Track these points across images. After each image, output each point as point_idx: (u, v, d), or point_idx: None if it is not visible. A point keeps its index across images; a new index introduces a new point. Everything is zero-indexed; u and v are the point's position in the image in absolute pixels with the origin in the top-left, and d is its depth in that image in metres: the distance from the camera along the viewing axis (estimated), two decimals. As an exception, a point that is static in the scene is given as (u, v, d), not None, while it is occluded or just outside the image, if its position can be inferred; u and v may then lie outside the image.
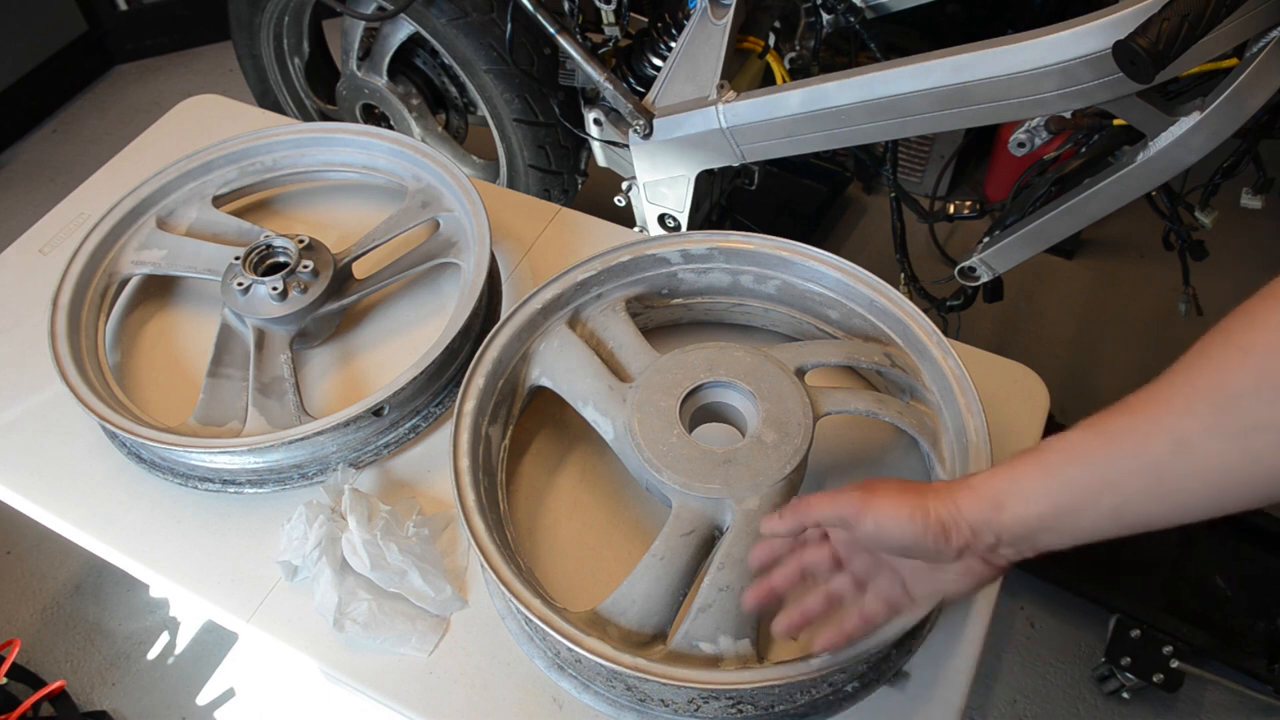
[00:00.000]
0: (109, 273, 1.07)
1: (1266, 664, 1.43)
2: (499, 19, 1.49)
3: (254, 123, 1.32)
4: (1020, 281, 2.07)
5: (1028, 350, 1.99)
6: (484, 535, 0.78)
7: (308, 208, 1.24)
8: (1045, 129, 1.15)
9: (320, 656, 0.84)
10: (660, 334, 1.03)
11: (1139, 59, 0.85)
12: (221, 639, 1.64)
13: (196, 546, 0.92)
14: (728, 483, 0.79)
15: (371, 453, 0.96)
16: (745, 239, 0.97)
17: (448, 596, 0.85)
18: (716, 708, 0.76)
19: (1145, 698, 1.51)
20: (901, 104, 1.12)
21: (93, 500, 0.96)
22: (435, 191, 1.12)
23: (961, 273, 1.33)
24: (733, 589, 0.75)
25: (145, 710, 1.58)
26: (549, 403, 0.95)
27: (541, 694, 0.81)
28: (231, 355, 1.00)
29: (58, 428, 1.01)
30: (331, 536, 0.85)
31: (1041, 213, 1.20)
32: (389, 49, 1.69)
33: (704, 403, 0.88)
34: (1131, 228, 2.16)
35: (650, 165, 1.43)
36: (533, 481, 0.95)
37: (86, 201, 1.24)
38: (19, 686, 1.53)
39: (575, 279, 0.95)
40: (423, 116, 1.78)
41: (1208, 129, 1.01)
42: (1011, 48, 1.01)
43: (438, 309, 1.11)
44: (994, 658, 1.58)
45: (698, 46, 1.29)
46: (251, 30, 1.84)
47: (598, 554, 0.90)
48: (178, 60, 2.82)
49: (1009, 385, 0.99)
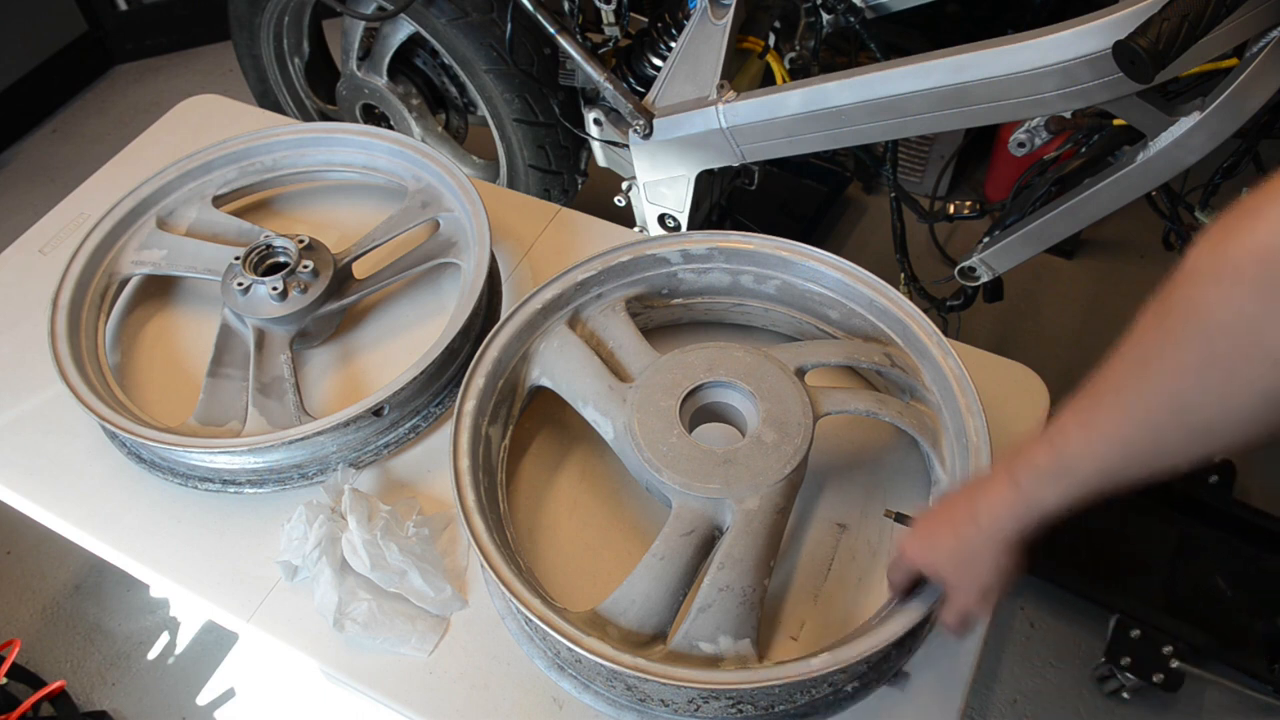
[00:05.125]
0: (109, 273, 1.07)
1: (1266, 664, 1.43)
2: (499, 19, 1.49)
3: (254, 123, 1.32)
4: (1020, 281, 2.07)
5: (1028, 350, 1.99)
6: (484, 535, 0.78)
7: (308, 208, 1.24)
8: (1045, 129, 1.15)
9: (320, 656, 0.84)
10: (660, 334, 1.03)
11: (1139, 59, 0.85)
12: (221, 639, 1.64)
13: (196, 546, 0.92)
14: (728, 483, 0.79)
15: (371, 453, 0.95)
16: (745, 239, 0.97)
17: (448, 596, 0.85)
18: (716, 708, 0.76)
19: (1145, 698, 1.51)
20: (901, 104, 1.12)
21: (93, 500, 0.96)
22: (435, 191, 1.12)
23: (961, 273, 1.33)
24: (733, 589, 0.75)
25: (145, 710, 1.58)
26: (549, 403, 0.95)
27: (541, 694, 0.81)
28: (231, 355, 1.00)
29: (58, 428, 1.01)
30: (331, 536, 0.85)
31: (1041, 213, 1.20)
32: (389, 49, 1.69)
33: (704, 403, 0.88)
34: (1131, 228, 2.16)
35: (650, 165, 1.43)
36: (533, 481, 0.95)
37: (86, 201, 1.24)
38: (19, 686, 1.53)
39: (575, 279, 0.95)
40: (423, 116, 1.78)
41: (1208, 129, 1.01)
42: (1011, 48, 1.01)
43: (438, 309, 1.10)
44: (994, 658, 1.58)
45: (698, 46, 1.29)
46: (251, 30, 1.84)
47: (598, 554, 0.90)
48: (178, 60, 2.82)
49: (1009, 385, 0.99)
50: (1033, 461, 0.60)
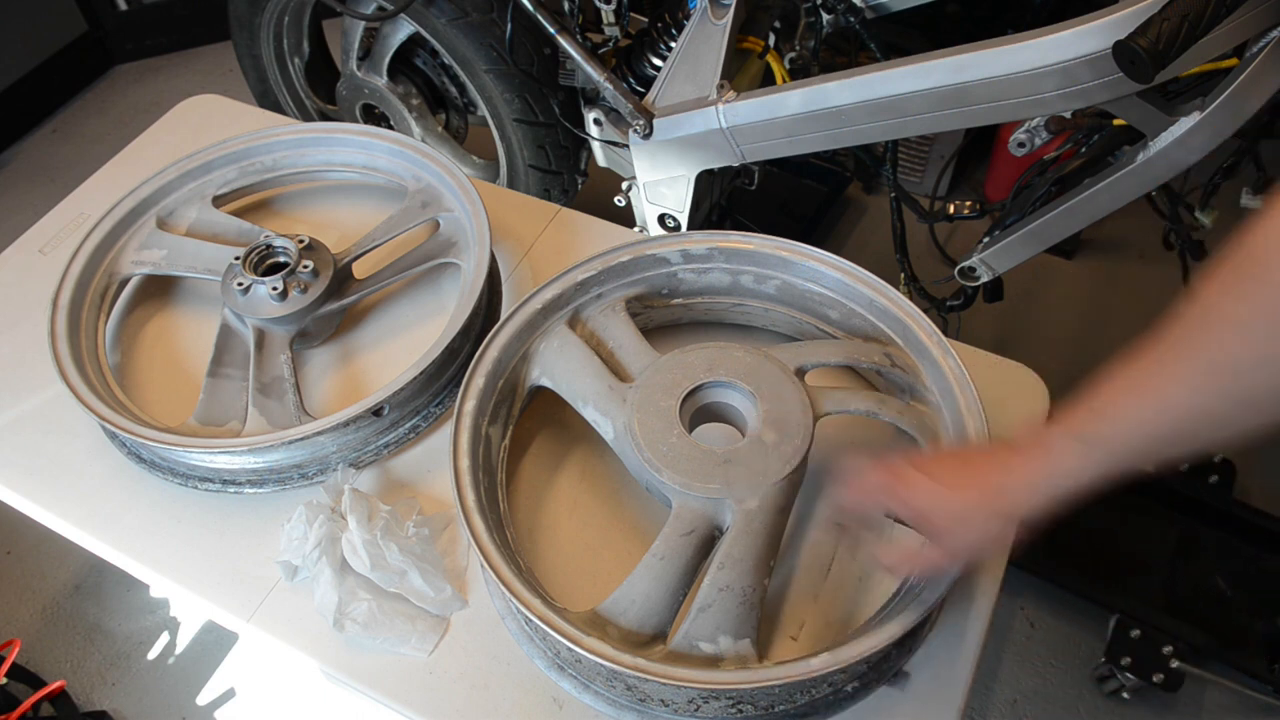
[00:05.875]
0: (109, 273, 1.07)
1: (1266, 664, 1.43)
2: (499, 19, 1.49)
3: (254, 123, 1.32)
4: (1020, 281, 2.07)
5: (1028, 350, 1.99)
6: (484, 535, 0.78)
7: (308, 208, 1.24)
8: (1045, 129, 1.15)
9: (320, 656, 0.84)
10: (660, 334, 1.03)
11: (1139, 59, 0.85)
12: (221, 639, 1.64)
13: (196, 546, 0.92)
14: (728, 483, 0.79)
15: (371, 453, 0.96)
16: (745, 239, 0.97)
17: (448, 596, 0.85)
18: (716, 708, 0.76)
19: (1145, 698, 1.51)
20: (901, 104, 1.12)
21: (93, 500, 0.96)
22: (435, 191, 1.12)
23: (961, 273, 1.33)
24: (733, 589, 0.75)
25: (145, 710, 1.58)
26: (549, 403, 0.95)
27: (541, 694, 0.81)
28: (231, 355, 1.00)
29: (58, 428, 1.01)
30: (331, 536, 0.85)
31: (1041, 213, 1.20)
32: (389, 49, 1.69)
33: (704, 403, 0.88)
34: (1131, 228, 2.16)
35: (650, 165, 1.43)
36: (533, 481, 0.95)
37: (86, 201, 1.24)
38: (19, 686, 1.53)
39: (575, 279, 0.95)
40: (423, 116, 1.78)
41: (1208, 129, 1.01)
42: (1011, 48, 1.01)
43: (438, 309, 1.10)
44: (994, 658, 1.58)
45: (698, 46, 1.29)
46: (251, 30, 1.84)
47: (598, 554, 0.90)
48: (178, 60, 2.82)
49: (1009, 385, 0.99)
50: (1073, 429, 0.59)
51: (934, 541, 0.68)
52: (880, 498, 0.71)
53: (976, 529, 0.64)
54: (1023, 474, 0.61)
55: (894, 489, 0.69)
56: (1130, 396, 0.56)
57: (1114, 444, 0.57)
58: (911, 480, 0.68)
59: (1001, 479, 0.63)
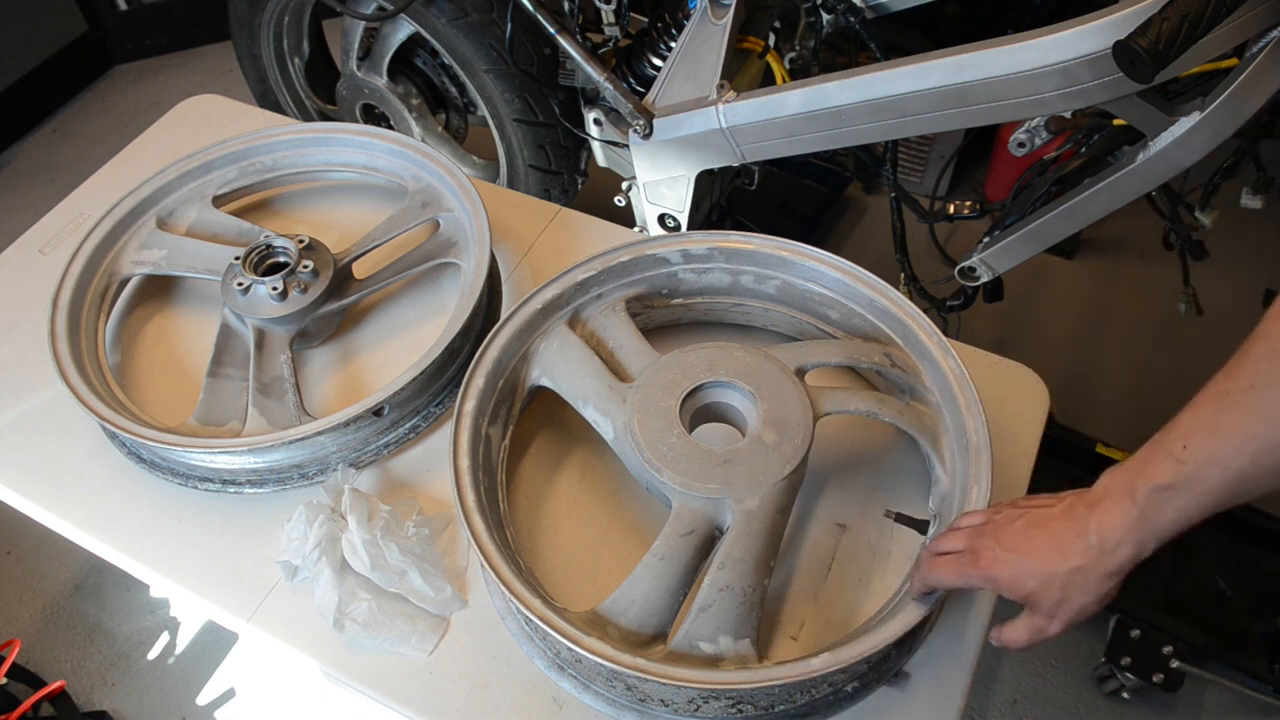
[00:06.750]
0: (109, 273, 1.07)
1: (1266, 664, 1.43)
2: (499, 19, 1.49)
3: (254, 123, 1.32)
4: (1020, 281, 2.07)
5: (1028, 350, 1.99)
6: (484, 535, 0.78)
7: (308, 208, 1.24)
8: (1045, 129, 1.15)
9: (320, 656, 0.84)
10: (660, 334, 1.03)
11: (1139, 59, 0.85)
12: (221, 639, 1.64)
13: (196, 546, 0.92)
14: (728, 483, 0.79)
15: (371, 453, 0.95)
16: (745, 239, 0.97)
17: (448, 596, 0.85)
18: (716, 708, 0.76)
19: (1145, 698, 1.51)
20: (901, 104, 1.12)
21: (93, 500, 0.96)
22: (435, 191, 1.12)
23: (961, 273, 1.33)
24: (733, 589, 0.75)
25: (145, 710, 1.58)
26: (549, 403, 0.95)
27: (541, 694, 0.81)
28: (231, 355, 1.00)
29: (58, 428, 1.01)
30: (331, 536, 0.85)
31: (1041, 213, 1.19)
32: (389, 49, 1.69)
33: (704, 403, 0.88)
34: (1131, 228, 2.16)
35: (650, 165, 1.43)
36: (533, 481, 0.95)
37: (86, 201, 1.24)
38: (19, 686, 1.53)
39: (575, 279, 0.95)
40: (423, 116, 1.78)
41: (1208, 129, 1.01)
42: (1011, 48, 1.01)
43: (438, 309, 1.10)
44: (994, 658, 1.58)
45: (698, 46, 1.29)
46: (251, 30, 1.84)
47: (598, 554, 0.90)
48: (178, 60, 2.82)
49: (1009, 385, 0.99)
50: (1153, 477, 0.57)
51: (1036, 610, 0.66)
52: (962, 579, 0.69)
53: (1091, 593, 0.63)
54: (1121, 532, 0.60)
55: (976, 567, 0.67)
56: (1211, 438, 0.55)
57: (1200, 489, 0.56)
58: (991, 558, 0.66)
59: (1100, 540, 0.61)
